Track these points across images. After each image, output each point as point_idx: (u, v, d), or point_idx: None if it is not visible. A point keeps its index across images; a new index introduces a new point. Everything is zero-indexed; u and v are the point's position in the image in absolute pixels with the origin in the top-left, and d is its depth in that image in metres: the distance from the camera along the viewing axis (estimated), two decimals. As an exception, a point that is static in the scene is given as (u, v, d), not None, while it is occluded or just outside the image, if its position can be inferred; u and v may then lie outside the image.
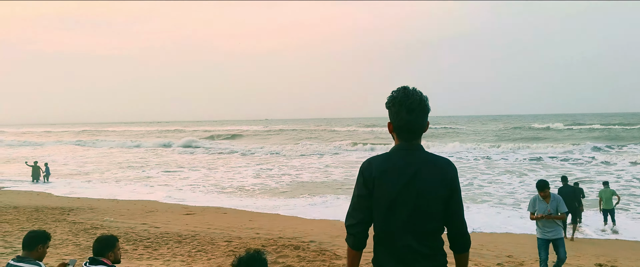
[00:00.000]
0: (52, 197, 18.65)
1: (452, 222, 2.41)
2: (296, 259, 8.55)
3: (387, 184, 2.35)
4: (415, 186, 2.33)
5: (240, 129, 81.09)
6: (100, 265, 3.93)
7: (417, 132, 2.43)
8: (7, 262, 4.14)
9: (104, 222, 12.24)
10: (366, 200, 2.40)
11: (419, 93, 2.42)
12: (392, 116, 2.46)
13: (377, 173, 2.37)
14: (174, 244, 9.68)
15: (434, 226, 2.37)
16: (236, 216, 14.20)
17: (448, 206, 2.37)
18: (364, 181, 2.41)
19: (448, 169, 2.40)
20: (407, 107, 2.39)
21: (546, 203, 7.45)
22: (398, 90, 2.45)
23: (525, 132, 54.46)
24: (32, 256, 4.14)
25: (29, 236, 4.23)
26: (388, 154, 2.45)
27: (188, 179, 24.89)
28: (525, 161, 29.85)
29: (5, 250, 8.08)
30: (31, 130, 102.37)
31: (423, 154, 2.41)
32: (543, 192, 7.42)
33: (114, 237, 4.15)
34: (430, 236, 2.37)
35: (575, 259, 9.55)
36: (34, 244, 4.17)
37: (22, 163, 30.35)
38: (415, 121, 2.40)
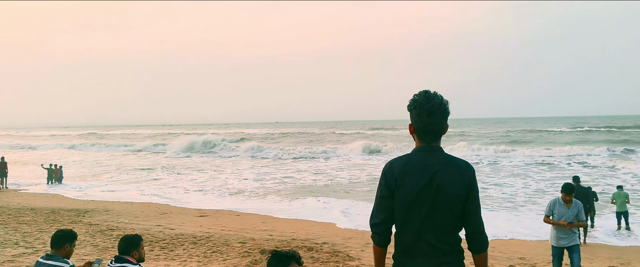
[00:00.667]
0: (66, 199, 18.91)
1: (469, 221, 2.50)
2: (310, 260, 8.65)
3: (408, 185, 2.46)
4: (434, 186, 2.43)
5: (248, 133, 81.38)
6: (125, 263, 4.06)
7: (437, 134, 2.54)
8: (37, 260, 4.29)
9: (119, 224, 12.42)
10: (388, 200, 2.52)
11: (440, 97, 2.53)
12: (413, 118, 2.57)
13: (399, 174, 2.48)
14: (189, 245, 9.82)
15: (452, 224, 2.47)
16: (249, 218, 14.33)
17: (465, 205, 2.47)
18: (386, 182, 2.53)
19: (466, 170, 2.49)
20: (427, 110, 2.50)
21: (567, 208, 7.11)
22: (420, 93, 2.56)
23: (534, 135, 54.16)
24: (60, 254, 4.28)
25: (56, 235, 4.38)
26: (409, 156, 2.56)
27: (198, 182, 25.10)
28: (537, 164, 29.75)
29: (27, 250, 8.26)
30: (40, 134, 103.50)
31: (442, 156, 2.51)
32: (569, 196, 7.10)
33: (139, 236, 4.28)
34: (448, 233, 2.47)
35: (588, 261, 9.55)
36: (61, 243, 4.31)
37: (37, 165, 30.77)
38: (435, 123, 2.51)
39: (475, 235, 2.52)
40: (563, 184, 7.39)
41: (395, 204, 2.50)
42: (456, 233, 2.51)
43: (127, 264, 4.06)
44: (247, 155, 43.65)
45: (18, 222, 12.06)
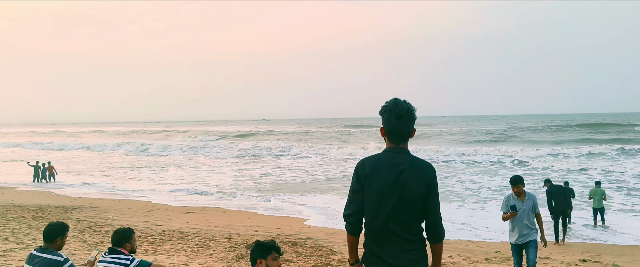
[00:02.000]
0: (53, 196, 18.99)
1: (429, 215, 2.85)
2: (294, 254, 8.94)
3: (377, 181, 2.80)
4: (400, 183, 2.78)
5: (238, 130, 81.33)
6: (118, 254, 4.33)
7: (404, 136, 2.89)
8: (30, 252, 4.52)
9: (107, 220, 12.61)
10: (359, 194, 2.86)
11: (408, 103, 2.88)
12: (384, 122, 2.92)
13: (369, 171, 2.82)
14: (176, 240, 10.07)
15: (415, 217, 2.82)
16: (235, 215, 14.59)
17: (426, 201, 2.82)
18: (357, 178, 2.87)
19: (428, 171, 2.85)
20: (396, 114, 2.85)
21: (521, 201, 6.89)
22: (390, 100, 2.92)
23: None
24: (52, 247, 4.50)
25: (48, 229, 4.58)
26: (379, 155, 2.90)
27: (184, 179, 25.26)
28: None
29: (17, 245, 8.44)
30: (38, 130, 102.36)
31: (408, 157, 2.86)
32: (516, 187, 6.87)
33: (131, 229, 4.54)
34: (411, 224, 2.82)
35: (561, 255, 9.98)
36: (53, 237, 4.52)
37: (23, 163, 30.66)
38: (402, 126, 2.86)
39: (433, 227, 2.87)
40: (511, 177, 7.17)
41: (365, 198, 2.83)
42: (419, 224, 2.86)
43: (120, 255, 4.32)
44: (231, 152, 43.76)
45: (6, 218, 12.19)
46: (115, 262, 4.27)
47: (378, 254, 2.84)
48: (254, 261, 3.66)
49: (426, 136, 53.03)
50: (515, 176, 7.10)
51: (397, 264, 2.79)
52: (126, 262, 4.28)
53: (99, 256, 4.83)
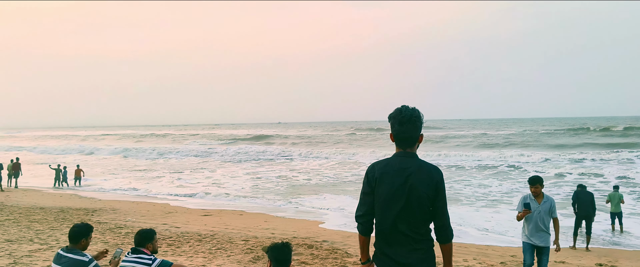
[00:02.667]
0: (74, 198, 19.39)
1: (437, 217, 2.98)
2: (310, 257, 9.07)
3: (386, 183, 2.94)
4: (408, 186, 2.91)
5: (253, 133, 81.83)
6: (140, 254, 4.50)
7: (409, 141, 3.02)
8: (57, 252, 4.72)
9: (126, 222, 12.87)
10: (369, 196, 3.00)
11: (411, 110, 3.01)
12: (391, 128, 3.06)
13: (379, 174, 2.97)
14: (195, 242, 10.26)
15: (422, 218, 2.95)
16: (252, 217, 14.77)
17: (434, 203, 2.95)
18: (368, 181, 3.02)
19: (435, 174, 2.98)
20: (399, 120, 3.00)
21: (537, 203, 6.63)
22: (399, 107, 3.06)
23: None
24: (78, 248, 4.69)
25: (73, 230, 4.77)
26: (388, 159, 3.04)
27: (202, 182, 25.56)
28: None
29: (42, 246, 8.70)
30: (50, 134, 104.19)
31: (416, 161, 3.00)
32: (534, 187, 6.60)
33: (153, 230, 4.71)
34: (419, 225, 2.95)
35: (577, 259, 9.95)
36: (78, 238, 4.71)
37: (44, 166, 31.28)
38: (406, 132, 3.00)
39: (441, 228, 2.99)
40: (529, 177, 6.89)
41: (375, 200, 2.96)
42: (426, 225, 2.98)
43: (143, 255, 4.49)
44: (249, 155, 44.06)
45: (29, 220, 12.52)
46: (138, 261, 4.44)
47: (388, 253, 2.96)
48: (286, 262, 3.82)
49: (452, 137, 52.82)
50: (534, 176, 6.81)
51: (405, 263, 2.92)
52: (148, 261, 4.45)
53: (121, 256, 5.02)
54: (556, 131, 60.31)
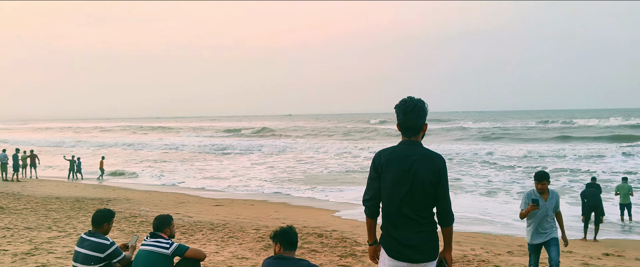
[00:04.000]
0: (88, 188, 19.77)
1: (439, 201, 3.15)
2: (319, 245, 9.27)
3: (392, 170, 3.11)
4: (412, 172, 3.08)
5: (263, 125, 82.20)
6: (158, 238, 4.71)
7: (414, 130, 3.18)
8: (80, 236, 4.95)
9: (141, 212, 13.15)
10: (376, 181, 3.17)
11: (416, 101, 3.17)
12: (397, 117, 3.23)
13: (384, 161, 3.14)
14: (207, 231, 10.50)
15: (425, 202, 3.12)
16: (263, 208, 15.01)
17: (436, 188, 3.12)
18: (374, 167, 3.19)
19: (438, 161, 3.14)
20: (404, 110, 3.17)
21: (543, 200, 6.29)
22: (404, 98, 3.24)
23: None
24: (100, 232, 4.92)
25: (96, 215, 5.00)
26: (394, 147, 3.21)
27: (214, 172, 25.88)
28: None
29: (60, 233, 8.97)
30: (64, 126, 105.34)
31: (420, 149, 3.17)
32: (541, 184, 6.28)
33: (170, 216, 4.93)
34: (423, 209, 3.12)
35: (584, 249, 10.05)
36: (101, 222, 4.94)
37: (59, 156, 31.77)
38: (410, 121, 3.16)
39: (443, 213, 3.17)
40: (535, 172, 6.54)
41: (381, 185, 3.14)
42: (429, 209, 3.15)
43: (161, 239, 4.71)
44: (257, 147, 44.32)
45: (46, 209, 12.85)
46: (156, 245, 4.65)
47: (394, 235, 3.14)
48: (292, 245, 4.04)
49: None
50: (541, 172, 6.45)
51: (410, 244, 3.10)
52: (166, 245, 4.67)
53: (138, 242, 5.24)
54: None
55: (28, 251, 6.91)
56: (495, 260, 8.43)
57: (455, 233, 11.49)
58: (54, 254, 6.76)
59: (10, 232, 8.72)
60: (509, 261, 8.35)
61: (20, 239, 8.13)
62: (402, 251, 3.10)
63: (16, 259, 6.27)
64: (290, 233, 4.00)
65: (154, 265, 4.60)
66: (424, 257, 3.11)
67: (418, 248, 3.09)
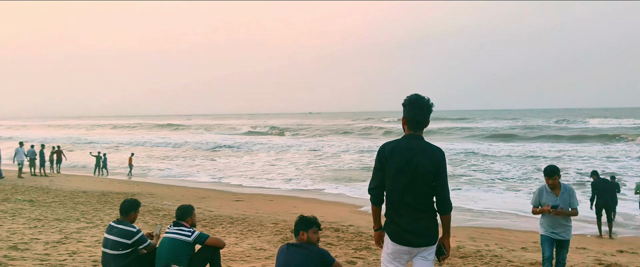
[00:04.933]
0: (114, 183, 20.37)
1: (438, 191, 3.39)
2: (336, 239, 9.53)
3: (395, 161, 3.35)
4: (414, 163, 3.33)
5: (284, 123, 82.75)
6: (181, 227, 5.03)
7: (422, 125, 3.44)
8: (109, 223, 5.29)
9: (164, 206, 13.59)
10: (380, 171, 3.43)
11: (427, 99, 3.43)
12: (406, 112, 3.45)
13: (388, 153, 3.39)
14: (227, 224, 10.86)
15: (426, 192, 3.37)
16: (281, 203, 15.34)
17: (436, 179, 3.37)
18: (379, 158, 3.44)
19: (437, 154, 3.39)
20: (419, 106, 3.41)
21: (555, 195, 6.06)
22: (413, 95, 3.48)
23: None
24: (127, 220, 5.26)
25: (124, 204, 5.35)
26: (398, 140, 3.46)
27: (235, 168, 26.34)
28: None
29: (88, 224, 9.41)
30: (79, 123, 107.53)
31: (422, 142, 3.42)
32: (552, 179, 6.02)
33: (192, 206, 5.25)
34: (423, 198, 3.37)
35: (599, 246, 10.10)
36: (128, 211, 5.28)
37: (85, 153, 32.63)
38: (422, 116, 3.42)
39: (442, 202, 3.41)
40: (545, 167, 6.25)
41: (385, 175, 3.38)
42: (430, 198, 3.40)
43: (183, 227, 5.02)
44: (276, 144, 44.71)
45: (74, 202, 13.36)
46: (179, 233, 4.98)
47: (397, 221, 3.39)
48: (297, 233, 4.34)
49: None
50: (551, 166, 6.16)
51: (411, 230, 3.35)
52: (188, 233, 4.99)
53: (162, 231, 5.58)
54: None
55: (59, 240, 7.31)
56: (508, 255, 8.56)
57: (471, 229, 11.70)
58: (83, 243, 7.15)
59: (41, 223, 9.17)
60: (522, 257, 8.48)
61: (50, 229, 8.57)
62: (404, 236, 3.35)
63: (48, 247, 6.66)
64: (298, 222, 4.37)
65: (177, 251, 4.92)
66: (424, 242, 3.37)
67: (418, 233, 3.34)
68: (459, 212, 14.16)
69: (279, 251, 4.44)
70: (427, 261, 3.43)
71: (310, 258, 4.24)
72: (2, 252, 5.91)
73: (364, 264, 7.09)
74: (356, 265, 7.06)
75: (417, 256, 3.43)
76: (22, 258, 5.73)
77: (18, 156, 22.17)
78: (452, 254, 8.32)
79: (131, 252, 5.06)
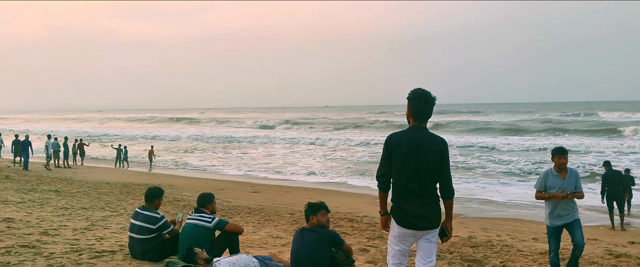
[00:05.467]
0: (135, 175, 20.91)
1: (441, 178, 3.64)
2: (350, 229, 9.81)
3: (401, 150, 3.60)
4: (419, 152, 3.57)
5: (303, 116, 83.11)
6: (202, 213, 5.34)
7: (426, 117, 3.69)
8: (135, 210, 5.63)
9: (183, 196, 14.00)
10: (387, 160, 3.67)
11: (429, 92, 3.68)
12: (411, 105, 3.69)
13: (395, 143, 3.63)
14: (245, 214, 11.20)
15: (430, 179, 3.61)
16: (298, 194, 15.66)
17: (439, 167, 3.61)
18: (386, 148, 3.69)
19: (441, 144, 3.64)
20: (424, 100, 3.66)
21: (561, 179, 5.92)
22: (418, 89, 3.72)
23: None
24: (152, 207, 5.60)
25: (149, 192, 5.69)
26: (404, 131, 3.71)
27: (253, 161, 26.77)
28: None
29: (112, 213, 9.81)
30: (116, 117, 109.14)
31: (426, 133, 3.66)
32: (563, 157, 5.91)
33: (212, 195, 5.57)
34: (427, 184, 3.61)
35: (611, 237, 10.20)
36: (153, 198, 5.63)
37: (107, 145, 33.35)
38: (427, 109, 3.67)
39: (445, 188, 3.66)
40: (553, 148, 6.14)
41: (392, 163, 3.63)
42: (433, 185, 3.65)
43: (204, 214, 5.34)
44: (294, 138, 45.04)
45: (98, 193, 13.84)
46: (200, 219, 5.29)
47: (402, 206, 3.64)
48: (307, 219, 4.64)
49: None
50: (560, 147, 6.09)
51: (416, 214, 3.60)
52: (209, 220, 5.30)
53: (184, 217, 5.90)
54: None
55: (86, 227, 7.68)
56: (519, 245, 8.74)
57: (484, 220, 11.88)
58: (109, 230, 7.51)
59: (68, 211, 9.59)
60: (532, 246, 8.65)
61: (77, 217, 8.97)
62: (409, 220, 3.61)
63: (76, 233, 7.02)
64: (307, 209, 4.69)
65: (198, 236, 5.23)
66: (428, 226, 3.62)
67: (423, 218, 3.59)
68: (475, 203, 14.35)
69: (294, 237, 4.74)
70: (430, 243, 3.70)
71: (321, 240, 4.55)
72: (35, 237, 6.28)
73: (376, 252, 7.33)
74: (369, 252, 7.31)
75: (421, 238, 3.69)
76: (54, 242, 6.09)
77: (48, 149, 22.82)
78: (463, 243, 8.54)
79: (156, 237, 5.39)
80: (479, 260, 7.30)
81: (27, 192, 12.43)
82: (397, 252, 3.78)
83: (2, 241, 5.89)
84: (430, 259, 3.70)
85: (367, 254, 7.21)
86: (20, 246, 5.61)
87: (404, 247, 3.75)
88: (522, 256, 7.76)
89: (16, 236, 6.30)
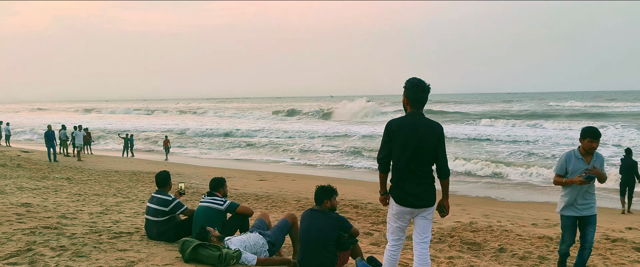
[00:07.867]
0: (142, 163, 21.27)
1: (438, 159, 3.93)
2: (354, 215, 10.10)
3: (401, 134, 3.88)
4: (417, 136, 3.85)
5: (308, 105, 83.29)
6: (214, 196, 5.64)
7: (423, 104, 3.98)
8: (151, 194, 5.93)
9: (192, 184, 14.32)
10: (388, 143, 3.96)
11: (424, 81, 3.96)
12: (408, 93, 3.96)
13: (395, 127, 3.92)
14: (252, 201, 11.51)
15: (427, 160, 3.91)
16: (303, 182, 15.97)
17: (436, 149, 3.90)
18: (387, 132, 3.97)
19: (438, 128, 3.92)
20: (421, 88, 3.94)
21: (585, 163, 5.20)
22: (413, 78, 4.00)
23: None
24: (165, 190, 5.91)
25: (159, 177, 6.01)
26: (403, 117, 4.00)
27: (260, 149, 27.09)
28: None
29: (124, 199, 10.14)
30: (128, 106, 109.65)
31: (424, 118, 3.95)
32: (595, 141, 5.15)
33: (224, 179, 5.85)
34: (425, 166, 3.92)
35: (609, 223, 10.42)
36: (165, 182, 5.94)
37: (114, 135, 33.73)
38: (423, 97, 3.95)
39: (442, 168, 3.97)
40: (584, 128, 5.35)
41: (392, 146, 3.92)
42: (430, 166, 3.95)
43: (216, 197, 5.63)
44: (294, 126, 45.29)
45: (108, 180, 14.19)
46: (212, 202, 5.58)
47: (401, 186, 3.95)
48: (321, 202, 4.87)
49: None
50: (594, 128, 5.26)
51: (413, 193, 3.91)
52: (220, 202, 5.59)
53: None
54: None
55: (101, 211, 8.01)
56: (518, 230, 9.00)
57: (486, 207, 12.14)
58: (123, 214, 7.83)
59: (82, 197, 9.93)
60: (531, 231, 8.90)
61: (91, 202, 9.30)
62: (407, 199, 3.93)
63: (93, 216, 7.34)
64: (321, 192, 4.92)
65: (211, 218, 5.52)
66: (424, 204, 3.94)
67: (419, 196, 3.91)
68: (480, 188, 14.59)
69: (302, 215, 5.02)
70: (426, 220, 4.03)
71: (331, 224, 4.82)
72: (54, 220, 6.59)
73: (379, 235, 7.63)
74: (373, 236, 7.61)
75: (418, 215, 4.02)
76: (73, 224, 6.41)
77: (75, 138, 23.00)
78: (464, 228, 8.83)
79: (170, 218, 5.71)
80: (479, 243, 7.59)
81: (40, 180, 12.80)
82: (395, 228, 4.10)
83: (25, 222, 6.21)
84: (426, 234, 4.02)
85: (371, 237, 7.51)
86: (42, 227, 5.92)
87: (402, 224, 4.08)
88: (521, 240, 8.03)
89: (37, 218, 6.62)
